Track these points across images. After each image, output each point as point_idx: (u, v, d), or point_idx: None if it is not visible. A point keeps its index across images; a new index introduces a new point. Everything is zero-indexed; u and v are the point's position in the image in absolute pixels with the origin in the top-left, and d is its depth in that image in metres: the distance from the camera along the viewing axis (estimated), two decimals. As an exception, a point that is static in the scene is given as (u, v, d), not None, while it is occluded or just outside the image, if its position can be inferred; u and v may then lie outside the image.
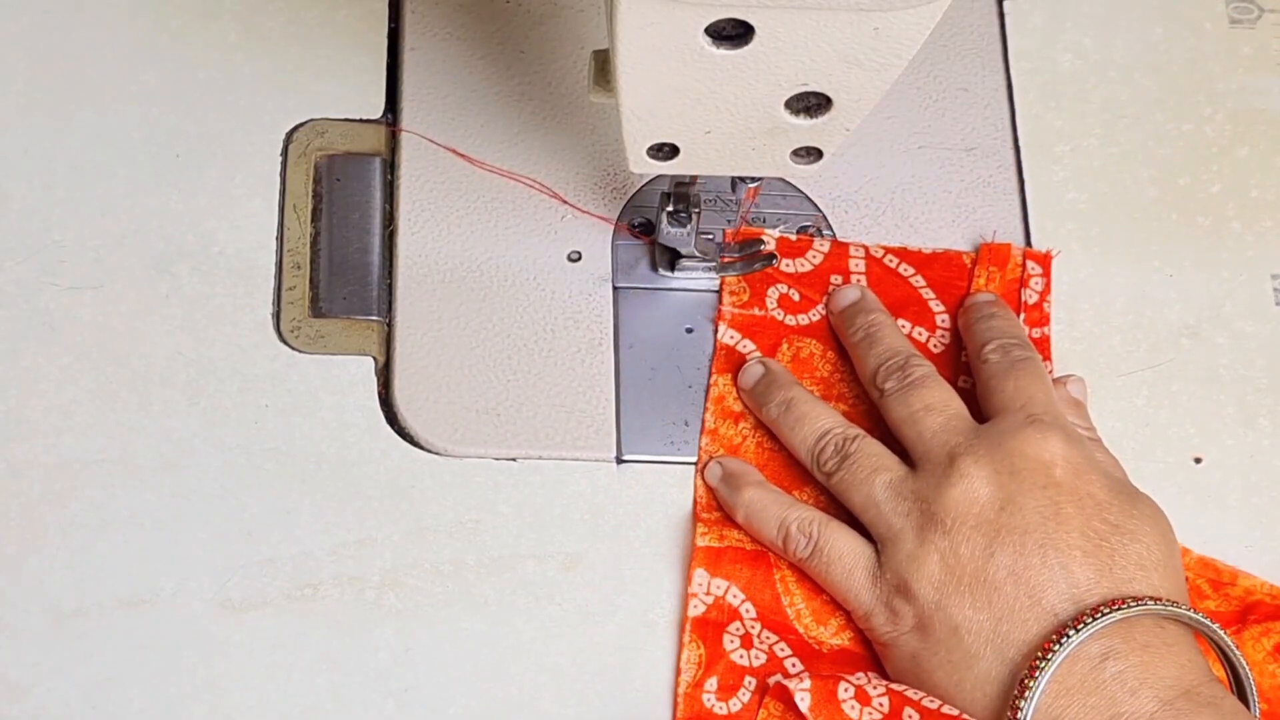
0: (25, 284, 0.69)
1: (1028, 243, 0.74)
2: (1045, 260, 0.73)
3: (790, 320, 0.71)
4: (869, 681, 0.62)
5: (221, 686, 0.64)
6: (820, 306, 0.71)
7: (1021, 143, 0.76)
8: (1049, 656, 0.58)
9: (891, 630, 0.63)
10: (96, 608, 0.64)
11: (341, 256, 0.71)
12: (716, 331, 0.70)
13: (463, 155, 0.72)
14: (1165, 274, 0.74)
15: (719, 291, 0.71)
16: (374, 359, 0.70)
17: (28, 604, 0.64)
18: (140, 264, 0.70)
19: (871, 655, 0.65)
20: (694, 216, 0.69)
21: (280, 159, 0.72)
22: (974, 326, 0.69)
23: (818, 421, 0.66)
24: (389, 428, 0.68)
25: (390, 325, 0.70)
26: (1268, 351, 0.73)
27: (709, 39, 0.53)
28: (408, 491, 0.67)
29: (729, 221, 0.73)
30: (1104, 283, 0.74)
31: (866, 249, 0.72)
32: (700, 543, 0.66)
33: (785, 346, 0.70)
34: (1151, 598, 0.60)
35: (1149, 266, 0.74)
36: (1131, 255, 0.74)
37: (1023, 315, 0.71)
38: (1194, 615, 0.60)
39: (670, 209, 0.69)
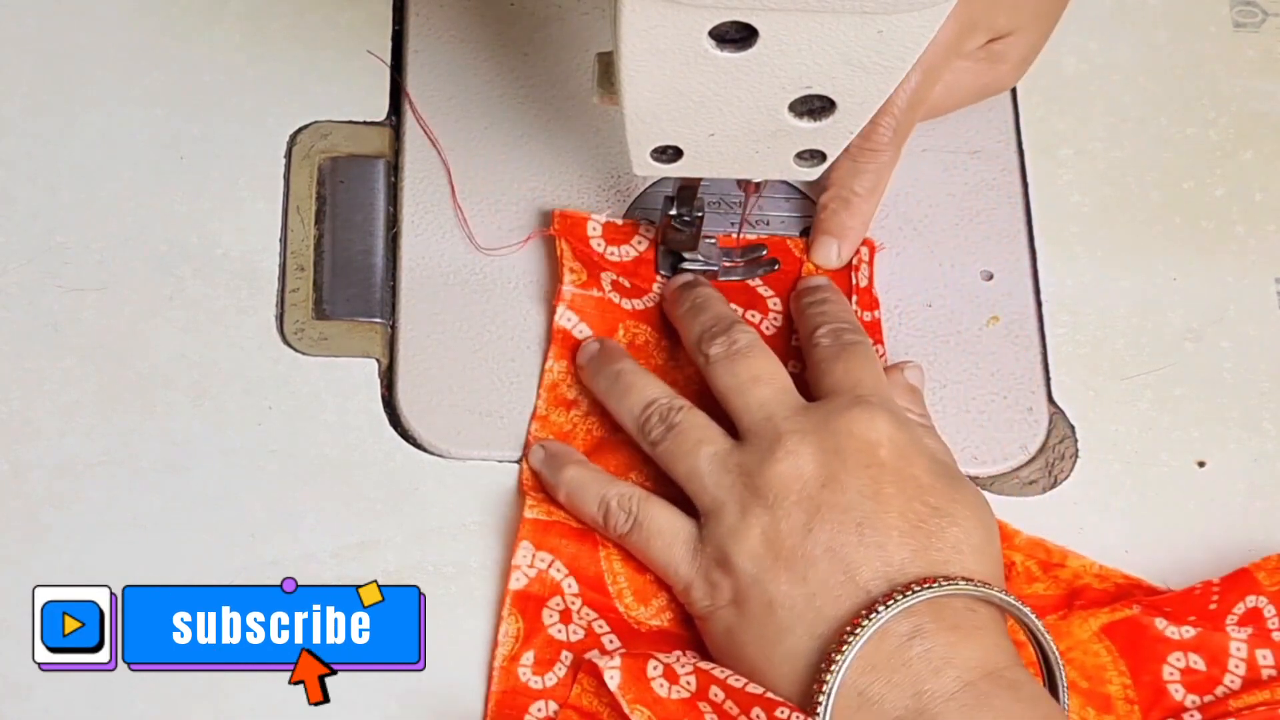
0: (29, 285, 0.69)
1: (1031, 246, 0.74)
2: (871, 247, 0.73)
3: (626, 304, 0.70)
4: (678, 660, 0.61)
5: (224, 688, 0.64)
6: (652, 295, 0.71)
7: (1025, 146, 0.76)
8: (857, 632, 0.58)
9: (709, 603, 0.63)
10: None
11: (345, 259, 0.71)
12: (553, 314, 0.70)
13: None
14: (1169, 277, 0.74)
15: (559, 270, 0.71)
16: (377, 361, 0.70)
17: (30, 604, 0.64)
18: (144, 265, 0.70)
19: (690, 636, 0.65)
20: (697, 219, 0.69)
21: (284, 161, 0.73)
22: (805, 311, 0.69)
23: (645, 391, 0.66)
24: (392, 430, 0.69)
25: (393, 327, 0.70)
26: (1271, 355, 0.73)
27: (713, 42, 0.53)
28: (410, 493, 0.68)
29: (732, 224, 0.73)
30: (1108, 286, 0.74)
31: None
32: (528, 515, 0.66)
33: (621, 332, 0.70)
34: (964, 578, 0.60)
35: (1153, 270, 0.74)
36: (1135, 259, 0.75)
37: (855, 298, 0.71)
38: (1005, 598, 0.60)
39: (673, 212, 0.69)
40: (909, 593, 0.59)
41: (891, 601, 0.59)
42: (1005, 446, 0.71)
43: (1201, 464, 0.71)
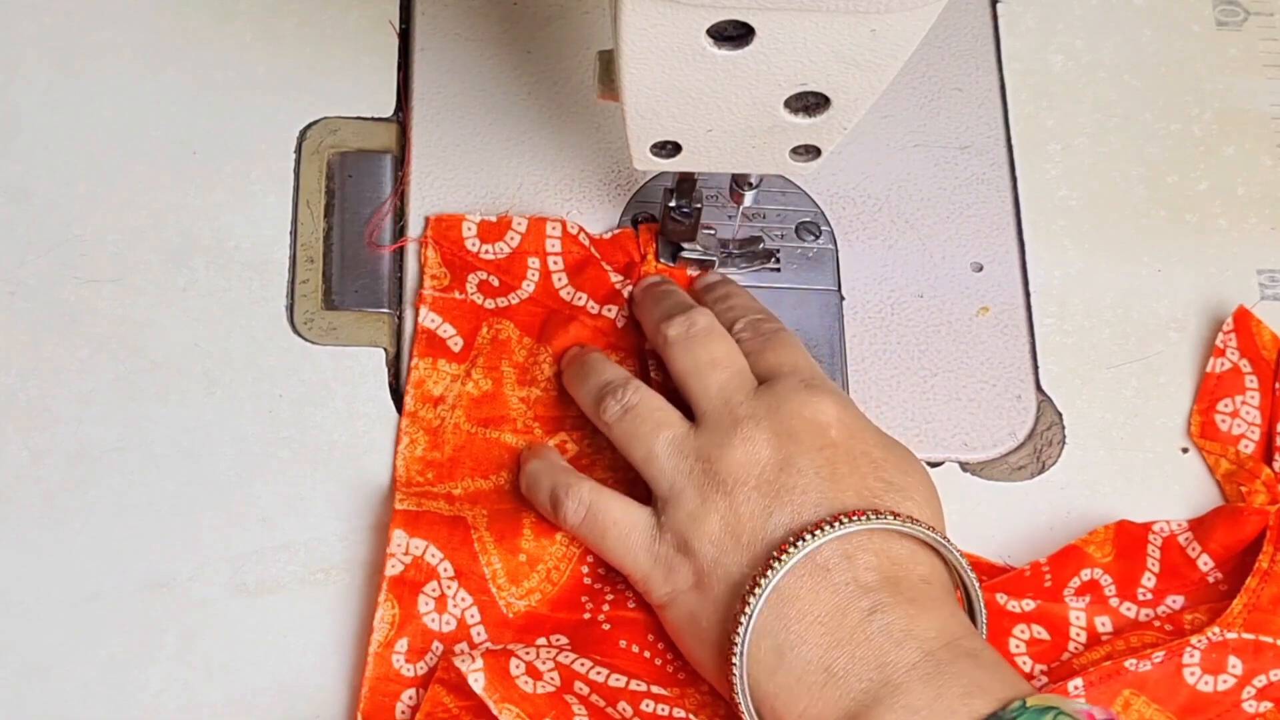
0: (47, 277, 0.70)
1: (1020, 238, 0.75)
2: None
3: (489, 304, 0.70)
4: (538, 656, 0.61)
5: (236, 668, 0.64)
6: (519, 291, 0.70)
7: (1014, 141, 0.76)
8: (783, 558, 0.60)
9: (669, 589, 0.63)
10: (115, 591, 0.65)
11: (353, 251, 0.71)
12: (417, 315, 0.70)
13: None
14: (1154, 269, 0.75)
15: (420, 275, 0.70)
16: (385, 350, 0.70)
17: (48, 587, 0.65)
18: (158, 257, 0.70)
19: (557, 619, 0.65)
20: (696, 212, 0.69)
21: (294, 156, 0.73)
22: (715, 308, 0.69)
23: (602, 374, 0.66)
24: (399, 416, 0.69)
25: (400, 318, 0.71)
26: (1253, 344, 0.73)
27: (710, 40, 0.53)
28: (417, 479, 0.68)
29: (729, 217, 0.73)
30: (1094, 278, 0.74)
31: (564, 224, 0.71)
32: (399, 507, 0.66)
33: (485, 330, 0.69)
34: (911, 518, 0.61)
35: (1138, 262, 0.75)
36: (1121, 251, 0.75)
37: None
38: (939, 539, 0.61)
39: (673, 205, 0.69)
40: (838, 523, 0.60)
41: (828, 528, 0.60)
42: (995, 433, 0.71)
43: (1185, 450, 0.71)
